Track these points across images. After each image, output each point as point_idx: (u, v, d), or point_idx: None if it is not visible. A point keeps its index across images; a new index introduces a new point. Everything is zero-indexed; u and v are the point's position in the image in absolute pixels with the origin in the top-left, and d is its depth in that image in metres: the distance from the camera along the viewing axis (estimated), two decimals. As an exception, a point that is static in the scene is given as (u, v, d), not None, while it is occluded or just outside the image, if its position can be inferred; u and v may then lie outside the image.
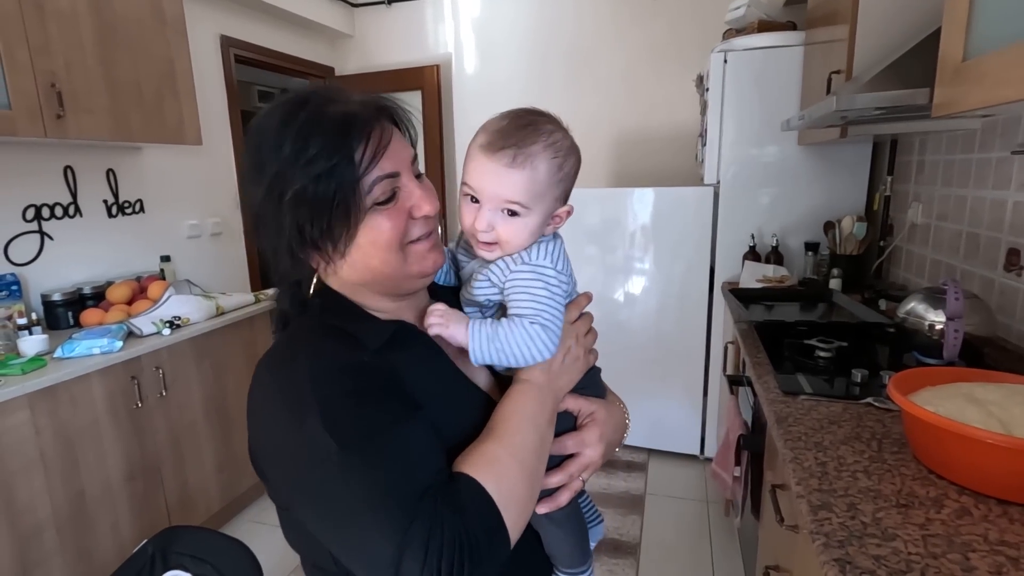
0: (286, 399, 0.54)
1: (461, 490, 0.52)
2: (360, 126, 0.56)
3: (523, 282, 0.64)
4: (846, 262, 2.03)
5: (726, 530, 2.07)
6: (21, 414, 1.47)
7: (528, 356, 0.62)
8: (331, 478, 0.50)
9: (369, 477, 0.50)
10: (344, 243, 0.57)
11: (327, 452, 0.50)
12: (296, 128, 0.55)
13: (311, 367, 0.55)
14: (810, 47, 2.03)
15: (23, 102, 1.62)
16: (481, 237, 0.64)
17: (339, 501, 0.50)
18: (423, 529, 0.48)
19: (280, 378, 0.56)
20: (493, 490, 0.53)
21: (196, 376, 2.00)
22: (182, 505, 1.95)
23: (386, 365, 0.58)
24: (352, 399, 0.53)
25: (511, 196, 0.61)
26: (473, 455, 0.56)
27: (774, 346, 1.48)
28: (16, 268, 1.90)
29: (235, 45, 2.81)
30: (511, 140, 0.61)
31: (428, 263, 0.63)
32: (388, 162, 0.58)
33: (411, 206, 0.60)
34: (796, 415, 1.10)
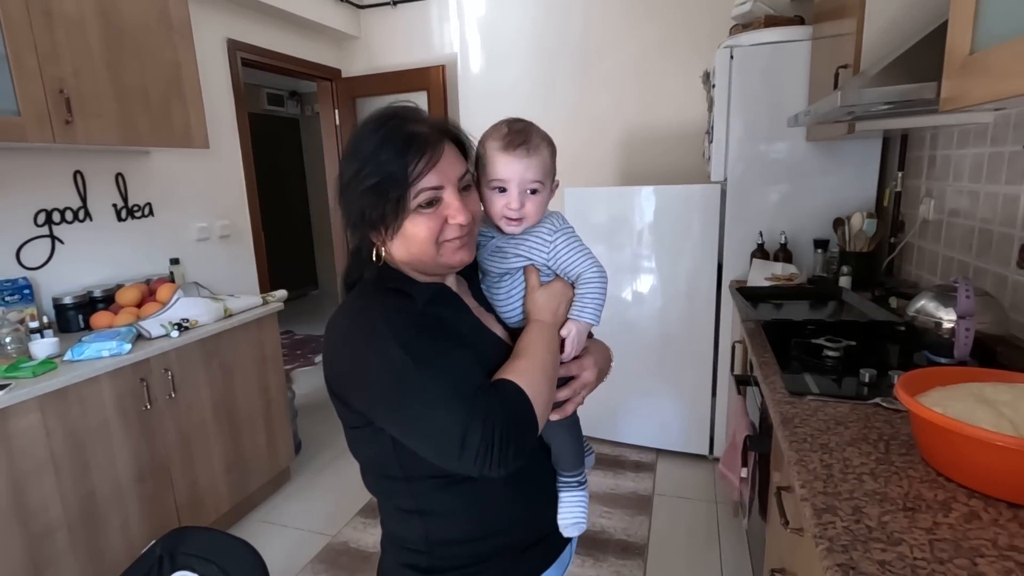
0: (367, 334, 0.72)
1: (505, 389, 0.72)
2: (419, 145, 0.73)
3: (566, 243, 0.85)
4: (856, 259, 2.00)
5: (735, 531, 2.05)
6: (32, 416, 1.49)
7: (605, 290, 0.85)
8: (412, 385, 0.68)
9: (439, 381, 0.68)
10: (393, 230, 0.76)
11: (406, 367, 0.68)
12: (380, 136, 0.74)
13: (383, 310, 0.74)
14: (817, 42, 2.00)
15: (32, 108, 1.64)
16: (512, 215, 0.82)
17: (418, 401, 0.68)
18: (480, 412, 0.67)
19: (359, 320, 0.74)
20: (527, 388, 0.72)
21: (205, 377, 2.02)
22: (191, 505, 1.97)
23: (433, 313, 0.77)
24: (417, 331, 0.72)
25: (534, 176, 0.81)
26: (509, 368, 0.75)
27: (782, 346, 1.46)
28: (28, 272, 1.93)
29: (242, 48, 2.83)
30: (520, 139, 0.81)
31: (455, 258, 0.79)
32: (434, 176, 0.74)
33: (447, 214, 0.76)
34: (802, 416, 1.08)
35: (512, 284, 0.88)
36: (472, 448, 0.66)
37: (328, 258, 6.27)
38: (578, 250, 0.85)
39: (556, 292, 0.86)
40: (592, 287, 0.85)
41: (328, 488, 2.48)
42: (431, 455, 0.70)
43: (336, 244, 3.87)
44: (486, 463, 0.67)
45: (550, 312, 0.84)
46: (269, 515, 2.29)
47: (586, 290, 0.85)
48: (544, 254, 0.85)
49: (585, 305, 0.85)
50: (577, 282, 0.86)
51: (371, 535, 2.12)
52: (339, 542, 2.10)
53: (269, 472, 2.37)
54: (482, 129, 0.85)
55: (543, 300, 0.85)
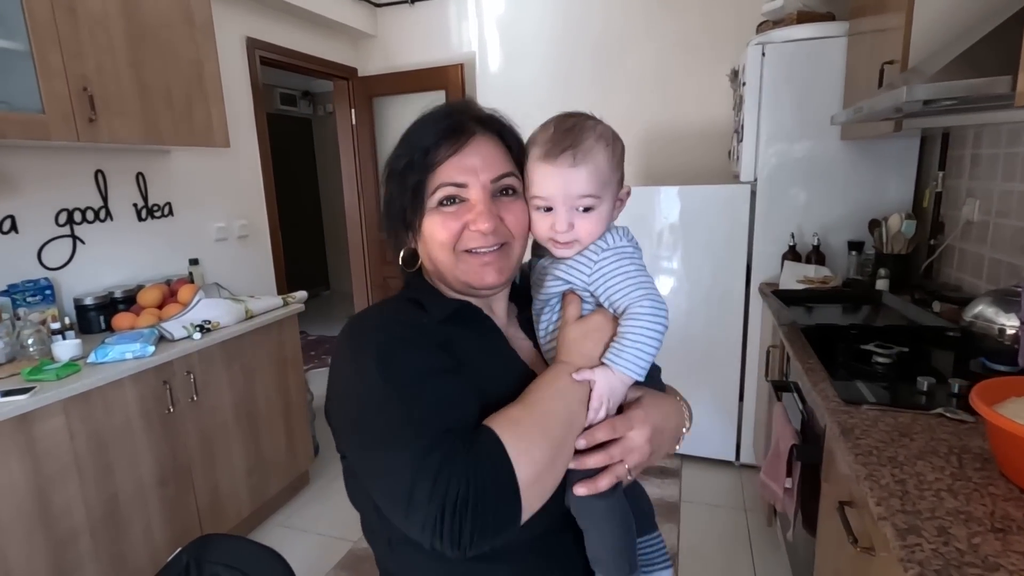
0: (351, 344, 0.62)
1: (480, 438, 0.56)
2: (446, 130, 0.63)
3: (614, 264, 0.67)
4: (893, 262, 1.94)
5: (769, 541, 1.99)
6: (56, 420, 1.46)
7: (659, 332, 0.64)
8: (370, 408, 0.57)
9: (402, 409, 0.55)
10: (416, 227, 0.67)
11: (372, 385, 0.57)
12: (417, 121, 0.67)
13: (379, 320, 0.65)
14: (855, 37, 1.94)
15: (56, 106, 1.61)
16: (561, 238, 0.67)
17: (373, 429, 0.56)
18: (436, 461, 0.52)
19: (352, 330, 0.64)
20: (509, 444, 0.55)
21: (226, 380, 1.99)
22: (212, 509, 1.94)
23: (443, 332, 0.65)
24: (404, 346, 0.60)
25: (583, 191, 0.65)
26: (499, 415, 0.59)
27: (825, 351, 1.41)
28: (49, 272, 1.91)
29: (260, 47, 2.80)
30: (566, 143, 0.65)
31: (477, 277, 0.66)
32: (457, 171, 0.64)
33: (468, 218, 0.64)
34: (863, 426, 1.03)
35: (550, 315, 0.71)
36: (419, 509, 0.50)
37: (340, 259, 6.26)
38: (628, 274, 0.65)
39: (592, 327, 0.66)
40: (638, 325, 0.63)
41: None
42: (382, 506, 0.57)
43: (351, 245, 3.84)
44: (436, 534, 0.50)
45: (580, 353, 0.65)
46: (289, 519, 2.26)
47: (629, 328, 0.64)
48: (584, 276, 0.67)
49: (624, 348, 0.63)
50: (622, 317, 0.66)
51: (393, 541, 2.08)
52: (362, 548, 2.06)
53: (289, 475, 2.33)
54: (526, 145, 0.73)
55: (574, 336, 0.66)
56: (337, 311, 5.67)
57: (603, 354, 0.65)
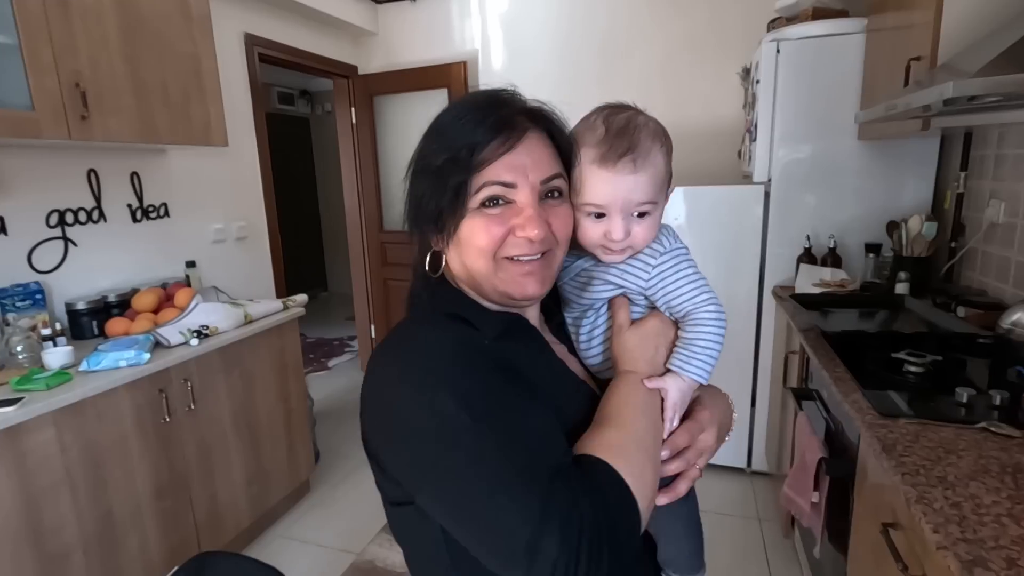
0: (411, 378, 0.53)
1: (595, 472, 0.52)
2: (494, 125, 0.56)
3: (673, 267, 0.65)
4: (913, 265, 1.88)
5: (786, 553, 1.93)
6: (47, 432, 1.39)
7: (723, 335, 0.64)
8: (464, 453, 0.49)
9: (504, 454, 0.49)
10: (450, 230, 0.59)
11: (461, 427, 0.49)
12: (456, 110, 0.59)
13: (436, 347, 0.56)
14: (875, 34, 1.89)
15: (47, 102, 1.54)
16: (615, 246, 0.64)
17: (472, 477, 0.49)
18: (561, 507, 0.47)
19: (404, 359, 0.56)
20: (625, 474, 0.52)
21: (225, 388, 1.92)
22: (211, 522, 1.87)
23: (501, 352, 0.59)
24: (479, 377, 0.53)
25: (643, 198, 0.63)
26: (595, 442, 0.55)
27: (851, 358, 1.36)
28: (40, 276, 1.83)
29: (259, 43, 2.73)
30: (623, 146, 0.61)
31: (517, 288, 0.60)
32: (506, 170, 0.57)
33: (515, 223, 0.58)
34: (903, 442, 0.98)
35: (595, 320, 0.69)
36: (547, 559, 0.46)
37: (338, 260, 6.18)
38: (690, 278, 0.65)
39: (651, 332, 0.65)
40: (706, 331, 0.64)
41: (349, 501, 2.38)
42: (487, 560, 0.51)
43: (351, 246, 3.77)
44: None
45: (645, 360, 0.64)
46: (290, 530, 2.19)
47: (697, 334, 0.64)
48: (642, 281, 0.65)
49: (694, 355, 0.63)
50: (684, 322, 0.65)
51: (398, 553, 2.01)
52: (365, 561, 1.99)
53: (289, 485, 2.26)
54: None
55: (634, 343, 0.64)
56: (335, 313, 5.59)
57: (666, 360, 0.65)
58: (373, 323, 3.83)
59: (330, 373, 3.97)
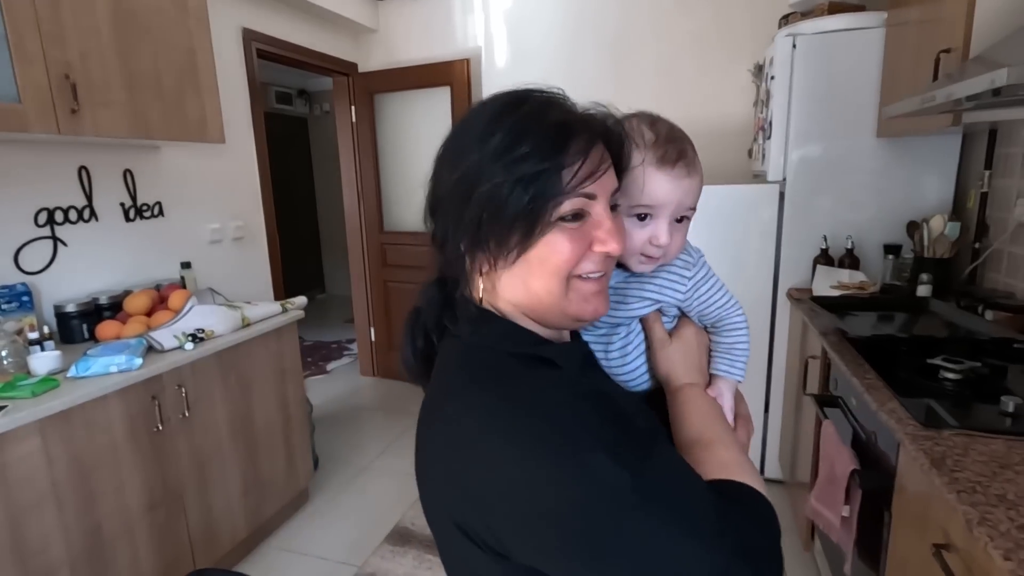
0: (543, 442, 0.45)
1: (742, 497, 0.51)
2: (582, 142, 0.51)
3: (706, 279, 0.68)
4: (935, 266, 1.82)
5: (806, 567, 1.86)
6: (32, 442, 1.31)
7: (748, 340, 0.71)
8: (631, 514, 0.43)
9: (671, 503, 0.45)
10: (516, 253, 0.52)
11: (620, 486, 0.44)
12: (511, 123, 0.50)
13: (552, 399, 0.48)
14: (896, 28, 1.83)
15: (34, 95, 1.46)
16: (656, 252, 0.63)
17: (645, 537, 0.43)
18: (738, 544, 0.46)
19: (510, 415, 0.47)
20: (758, 487, 0.53)
21: (221, 394, 1.84)
22: (206, 535, 1.79)
23: (593, 387, 0.55)
24: (612, 427, 0.48)
25: (692, 203, 0.64)
26: (713, 463, 0.54)
27: (880, 364, 1.29)
28: (27, 277, 1.75)
29: (257, 39, 2.66)
30: (675, 151, 0.61)
31: (588, 308, 0.55)
32: (594, 184, 0.52)
33: (594, 237, 0.53)
34: (953, 456, 0.91)
35: (628, 337, 0.68)
36: None
37: (335, 261, 6.10)
38: (720, 288, 0.69)
39: (693, 341, 0.68)
40: (740, 334, 0.71)
41: (349, 510, 2.30)
42: None
43: (350, 247, 3.69)
44: None
45: (697, 369, 0.67)
46: (288, 542, 2.11)
47: (734, 338, 0.71)
48: (680, 294, 0.67)
49: (736, 358, 0.70)
50: (717, 328, 0.71)
51: (401, 565, 1.94)
52: (367, 573, 1.91)
53: (288, 494, 2.19)
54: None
55: (681, 356, 0.67)
56: (333, 315, 5.51)
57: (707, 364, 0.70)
58: (373, 326, 3.75)
59: (328, 377, 3.89)
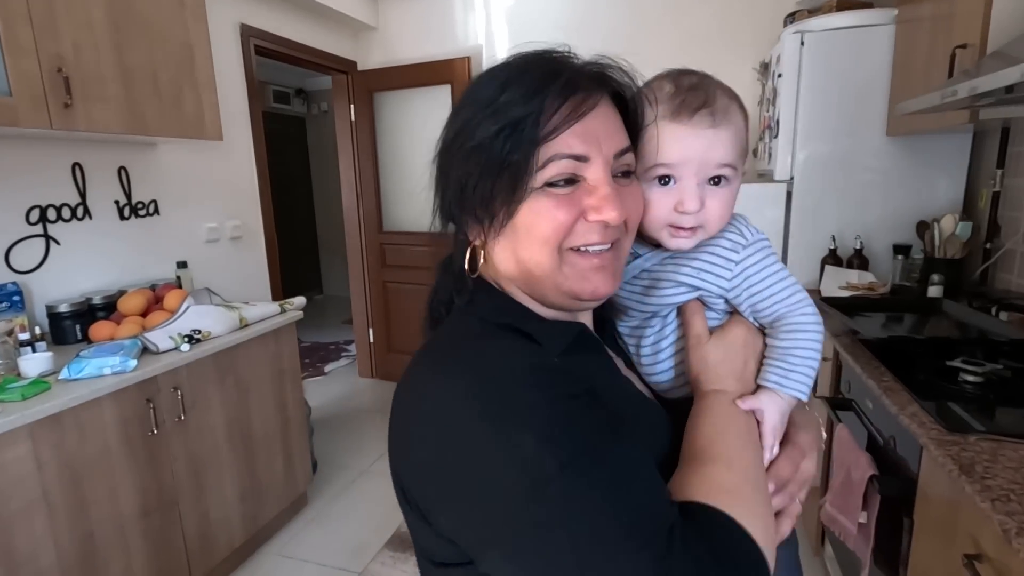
0: (474, 409, 0.42)
1: (714, 527, 0.41)
2: (562, 86, 0.46)
3: (760, 263, 0.55)
4: (946, 267, 1.79)
5: (816, 574, 1.83)
6: (21, 447, 1.26)
7: (820, 345, 0.55)
8: (556, 504, 0.38)
9: (605, 508, 0.38)
10: (502, 218, 0.48)
11: (548, 477, 0.38)
12: (503, 74, 0.48)
13: (504, 365, 0.44)
14: (907, 24, 1.80)
15: (26, 88, 1.42)
16: (687, 221, 0.54)
17: (564, 542, 0.37)
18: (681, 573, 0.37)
19: (459, 383, 0.44)
20: (749, 525, 0.42)
21: (218, 396, 1.79)
22: (202, 541, 1.74)
23: (576, 373, 0.46)
24: (561, 406, 0.42)
25: (722, 158, 0.54)
26: (701, 483, 0.44)
27: (896, 366, 1.26)
28: (18, 276, 1.70)
29: (255, 35, 2.62)
30: (699, 99, 0.53)
31: (586, 286, 0.49)
32: (578, 140, 0.46)
33: (589, 204, 0.47)
34: (982, 462, 0.88)
35: (662, 331, 0.58)
36: None
37: (333, 261, 6.05)
38: (781, 276, 0.55)
39: (738, 342, 0.55)
40: (803, 338, 0.54)
41: (349, 515, 2.25)
42: None
43: (349, 247, 3.65)
44: None
45: (734, 376, 0.53)
46: (286, 547, 2.06)
47: (793, 342, 0.54)
48: (724, 281, 0.54)
49: (792, 367, 0.53)
50: (775, 328, 0.55)
51: (403, 572, 1.90)
52: (367, 581, 1.87)
53: (286, 498, 2.14)
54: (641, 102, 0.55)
55: (718, 356, 0.54)
56: (330, 315, 5.46)
57: (756, 374, 0.55)
58: (372, 327, 3.71)
59: (327, 378, 3.84)
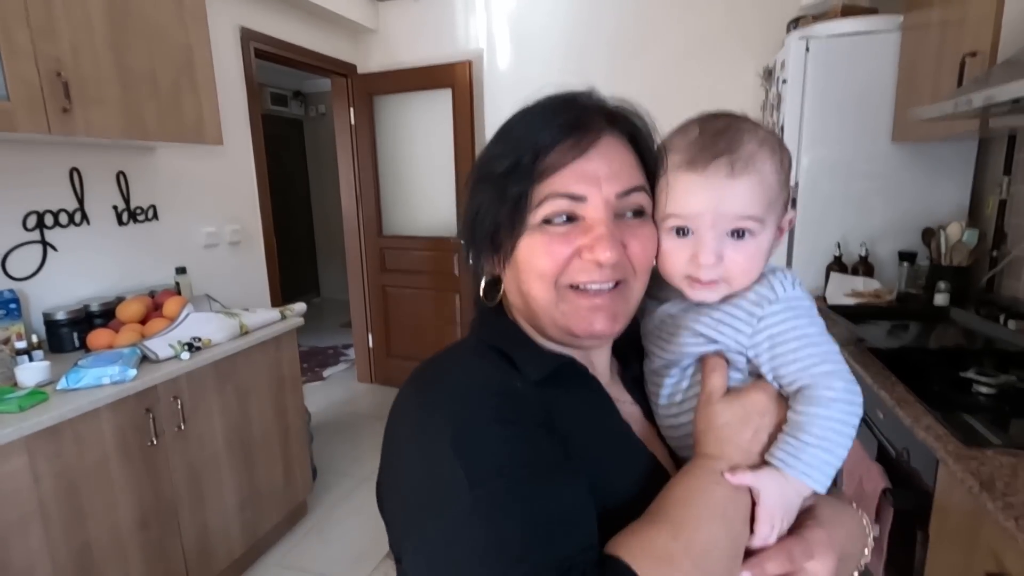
0: (420, 412, 0.46)
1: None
2: (564, 123, 0.47)
3: (784, 325, 0.49)
4: (952, 274, 1.79)
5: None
6: (17, 460, 1.24)
7: (853, 425, 0.47)
8: (452, 521, 0.39)
9: (501, 530, 0.38)
10: (507, 250, 0.50)
11: (454, 488, 0.40)
12: (524, 112, 0.50)
13: (456, 385, 0.47)
14: (914, 31, 1.79)
15: (24, 92, 1.40)
16: (705, 275, 0.51)
17: (455, 554, 0.39)
18: None
19: (420, 396, 0.48)
20: None
21: (218, 405, 1.77)
22: (201, 552, 1.72)
23: (541, 400, 0.47)
24: (496, 428, 0.43)
25: (742, 210, 0.50)
26: (636, 541, 0.41)
27: (908, 377, 1.25)
28: (15, 283, 1.68)
29: (255, 38, 2.59)
30: (718, 147, 0.50)
31: (582, 324, 0.49)
32: (575, 179, 0.47)
33: (582, 244, 0.47)
34: (1003, 477, 0.86)
35: (679, 382, 0.54)
36: None
37: (331, 265, 6.02)
38: (809, 339, 0.49)
39: (752, 408, 0.49)
40: (826, 414, 0.46)
41: (349, 523, 2.23)
42: None
43: (348, 251, 3.62)
44: None
45: (735, 445, 0.48)
46: (286, 558, 2.04)
47: (812, 417, 0.46)
48: (744, 337, 0.50)
49: (804, 446, 0.46)
50: (795, 400, 0.48)
51: (404, 583, 1.87)
52: (368, 592, 1.85)
53: (285, 507, 2.11)
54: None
55: (725, 420, 0.49)
56: (328, 319, 5.43)
57: (766, 449, 0.48)
58: (371, 332, 3.68)
59: (325, 383, 3.81)
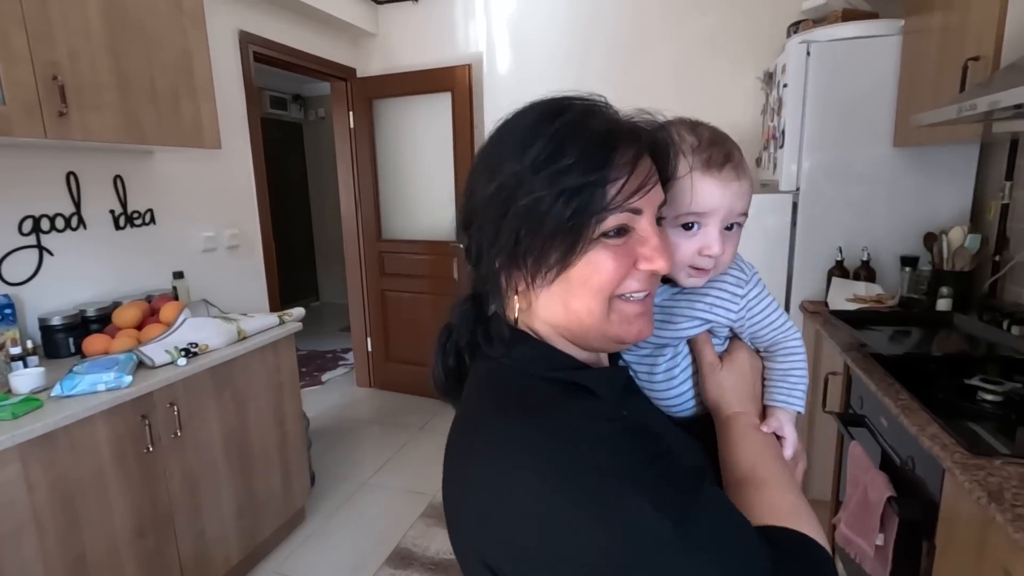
0: (568, 476, 0.41)
1: (799, 551, 0.46)
2: (629, 154, 0.47)
3: (759, 297, 0.63)
4: (955, 279, 1.78)
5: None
6: (11, 468, 1.22)
7: (807, 366, 0.65)
8: (671, 564, 0.39)
9: (717, 554, 0.40)
10: (556, 271, 0.48)
11: (660, 534, 0.39)
12: (552, 131, 0.47)
13: (587, 427, 0.45)
14: (915, 35, 1.79)
15: (20, 97, 1.38)
16: (707, 264, 0.59)
17: None
18: None
19: (538, 447, 0.43)
20: (820, 540, 0.47)
21: (215, 411, 1.75)
22: (198, 561, 1.70)
23: (636, 421, 0.49)
24: (653, 462, 0.44)
25: (744, 208, 0.61)
26: (766, 508, 0.49)
27: (911, 383, 1.24)
28: (10, 288, 1.66)
29: (254, 42, 2.59)
30: (722, 153, 0.58)
31: (632, 330, 0.51)
32: (639, 198, 0.48)
33: (639, 254, 0.49)
34: (1011, 488, 0.85)
35: (674, 359, 0.63)
36: None
37: (329, 268, 6.01)
38: (775, 308, 0.64)
39: (746, 366, 0.63)
40: (798, 360, 0.65)
41: (348, 530, 2.21)
42: None
43: (347, 256, 3.61)
44: None
45: (752, 398, 0.62)
46: (284, 565, 2.02)
47: (791, 364, 0.64)
48: (733, 313, 0.62)
49: (794, 387, 0.64)
50: (771, 353, 0.65)
51: (403, 591, 1.85)
52: (367, 600, 1.83)
53: (283, 514, 2.09)
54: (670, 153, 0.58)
55: (732, 382, 0.61)
56: (327, 323, 5.41)
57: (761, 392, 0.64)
58: (370, 336, 3.66)
59: (324, 388, 3.80)
